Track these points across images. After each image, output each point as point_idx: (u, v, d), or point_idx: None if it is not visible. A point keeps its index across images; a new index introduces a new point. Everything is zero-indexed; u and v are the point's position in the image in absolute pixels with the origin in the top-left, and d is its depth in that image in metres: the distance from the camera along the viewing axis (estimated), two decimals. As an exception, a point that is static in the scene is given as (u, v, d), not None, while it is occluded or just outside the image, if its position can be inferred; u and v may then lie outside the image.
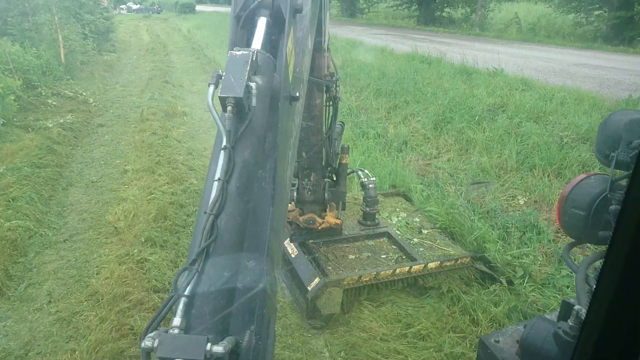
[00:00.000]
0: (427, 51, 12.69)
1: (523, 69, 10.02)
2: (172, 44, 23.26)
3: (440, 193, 5.48)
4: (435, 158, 6.67)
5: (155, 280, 4.08)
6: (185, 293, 1.13)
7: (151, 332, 1.07)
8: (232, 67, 1.35)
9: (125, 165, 6.96)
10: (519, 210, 4.97)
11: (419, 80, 9.47)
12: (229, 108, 1.29)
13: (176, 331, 1.08)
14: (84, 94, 10.98)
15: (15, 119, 8.27)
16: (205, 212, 1.24)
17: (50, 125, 8.24)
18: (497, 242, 4.35)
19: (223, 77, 1.34)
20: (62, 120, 8.61)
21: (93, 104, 10.60)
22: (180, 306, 1.11)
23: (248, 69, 1.34)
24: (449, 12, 28.11)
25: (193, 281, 1.15)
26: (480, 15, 22.95)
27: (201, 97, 11.80)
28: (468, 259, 4.01)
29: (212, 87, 1.39)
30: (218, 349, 1.03)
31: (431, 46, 14.49)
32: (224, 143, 1.31)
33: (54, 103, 9.94)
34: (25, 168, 6.22)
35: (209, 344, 1.03)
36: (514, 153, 5.93)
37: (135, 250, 4.50)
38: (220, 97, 1.31)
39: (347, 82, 10.64)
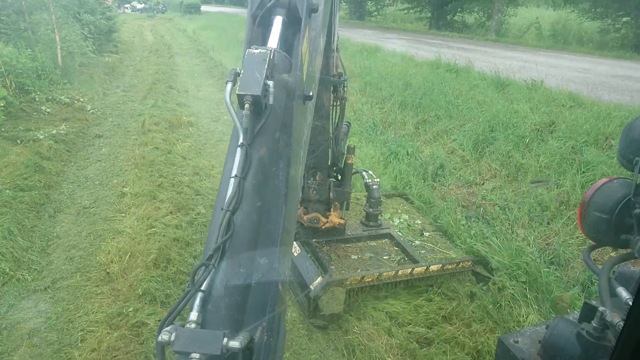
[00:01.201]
0: (449, 58, 11.83)
1: (559, 81, 9.15)
2: (176, 45, 22.46)
3: (496, 234, 4.61)
4: (478, 185, 5.79)
5: (155, 356, 3.21)
6: (202, 288, 1.13)
7: (167, 326, 1.06)
8: (250, 65, 1.34)
9: (123, 187, 6.11)
10: (599, 262, 4.09)
11: (448, 92, 8.59)
12: (246, 106, 1.29)
13: (193, 326, 1.07)
14: (82, 99, 10.13)
15: (2, 129, 7.42)
16: (221, 209, 1.23)
17: (41, 137, 7.39)
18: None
19: (241, 75, 1.34)
20: (54, 131, 7.75)
21: (91, 111, 9.75)
22: (197, 301, 1.11)
23: (266, 67, 1.33)
24: (462, 17, 27.24)
25: (210, 276, 1.15)
26: (497, 20, 22.07)
27: (208, 104, 10.97)
28: (469, 263, 4.05)
29: (229, 85, 1.38)
30: (234, 344, 1.02)
31: (451, 52, 13.63)
32: (241, 140, 1.31)
33: (48, 110, 9.09)
34: (7, 191, 5.37)
35: (225, 339, 1.02)
36: (578, 185, 5.05)
37: (130, 309, 3.64)
38: (238, 95, 1.30)
39: (368, 91, 9.78)
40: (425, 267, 3.86)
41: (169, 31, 30.06)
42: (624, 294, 1.51)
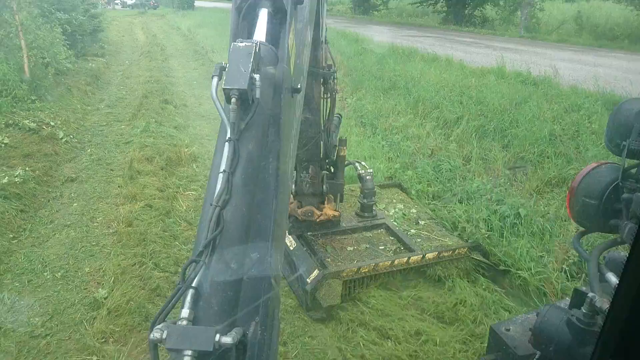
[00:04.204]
0: (501, 61, 9.68)
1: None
2: (171, 46, 20.14)
3: None
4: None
5: None
6: (193, 285, 1.10)
7: (159, 323, 1.04)
8: (235, 58, 1.33)
9: (98, 286, 3.93)
10: None
11: (539, 114, 6.42)
12: (233, 100, 1.28)
13: (184, 322, 1.05)
14: (52, 123, 7.86)
15: None
16: (211, 204, 1.21)
17: (-14, 190, 5.20)
18: None
19: (227, 69, 1.32)
20: (6, 179, 5.53)
21: (64, 139, 7.50)
22: (188, 298, 1.09)
23: (252, 60, 1.32)
24: (481, 11, 25.01)
25: (200, 273, 1.12)
26: (526, 15, 19.88)
27: (213, 125, 8.77)
28: (465, 249, 4.02)
29: (215, 79, 1.37)
30: (227, 339, 1.01)
31: (499, 55, 11.45)
32: (229, 135, 1.29)
33: (6, 141, 6.85)
34: None
35: (217, 335, 1.00)
36: None
37: None
38: (224, 89, 1.30)
39: (423, 111, 7.59)
40: (421, 256, 3.86)
41: (161, 29, 27.68)
42: (613, 279, 1.51)
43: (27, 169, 5.98)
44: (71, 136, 7.77)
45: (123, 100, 10.68)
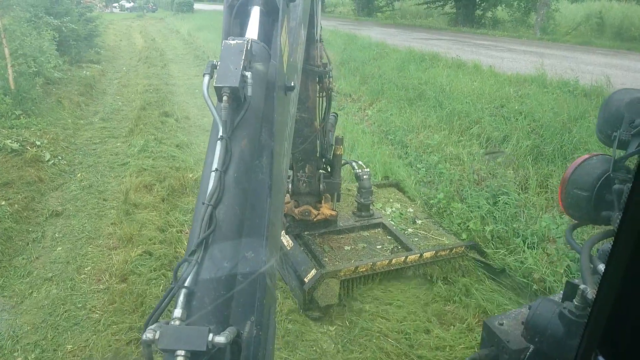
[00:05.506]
0: (535, 67, 8.77)
1: None
2: (170, 50, 19.25)
3: None
4: None
5: None
6: (186, 284, 1.08)
7: (152, 324, 1.02)
8: (227, 56, 1.31)
9: (82, 377, 3.00)
10: None
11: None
12: (224, 98, 1.27)
13: (177, 322, 1.04)
14: (38, 142, 6.93)
15: None
16: (203, 203, 1.20)
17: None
18: None
19: (218, 67, 1.31)
20: (-25, 219, 4.61)
21: (50, 161, 6.57)
22: (181, 297, 1.07)
23: (243, 58, 1.31)
24: (492, 12, 24.12)
25: (193, 272, 1.11)
26: (542, 16, 18.97)
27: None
28: (462, 248, 4.03)
29: (207, 77, 1.34)
30: (220, 339, 0.99)
31: (525, 59, 10.57)
32: (220, 133, 1.27)
33: (-17, 166, 5.96)
34: None
35: (210, 335, 0.99)
36: None
37: None
38: (215, 87, 1.28)
39: (459, 127, 6.67)
40: (418, 255, 3.86)
41: (160, 32, 26.81)
42: None
43: (3, 202, 5.06)
44: (59, 157, 6.85)
45: (119, 113, 9.77)
